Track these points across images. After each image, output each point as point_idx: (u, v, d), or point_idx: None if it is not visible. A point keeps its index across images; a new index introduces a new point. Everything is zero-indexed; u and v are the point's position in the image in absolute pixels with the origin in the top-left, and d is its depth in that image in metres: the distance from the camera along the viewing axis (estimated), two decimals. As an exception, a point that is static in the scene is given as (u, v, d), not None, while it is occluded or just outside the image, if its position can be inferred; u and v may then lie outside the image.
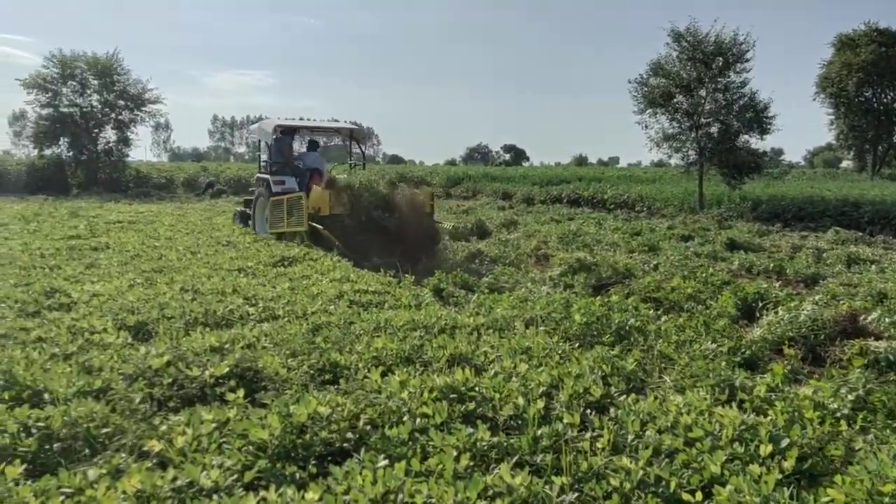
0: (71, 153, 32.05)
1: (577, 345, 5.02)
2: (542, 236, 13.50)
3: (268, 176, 13.22)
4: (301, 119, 14.32)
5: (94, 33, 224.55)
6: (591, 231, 14.52)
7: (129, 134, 33.11)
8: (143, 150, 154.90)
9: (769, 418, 3.30)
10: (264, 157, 14.13)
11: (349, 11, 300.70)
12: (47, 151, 31.98)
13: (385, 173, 12.28)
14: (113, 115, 32.50)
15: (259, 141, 14.78)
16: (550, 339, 4.84)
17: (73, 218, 15.26)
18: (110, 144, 32.80)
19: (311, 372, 4.13)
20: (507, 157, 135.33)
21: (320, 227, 10.65)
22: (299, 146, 15.16)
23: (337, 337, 4.80)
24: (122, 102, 32.45)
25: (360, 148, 15.59)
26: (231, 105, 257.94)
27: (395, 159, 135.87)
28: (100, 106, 32.28)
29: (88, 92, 32.06)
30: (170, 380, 3.87)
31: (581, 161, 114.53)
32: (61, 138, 31.68)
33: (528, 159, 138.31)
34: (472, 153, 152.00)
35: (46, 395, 3.64)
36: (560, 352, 4.57)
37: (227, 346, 4.55)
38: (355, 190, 10.86)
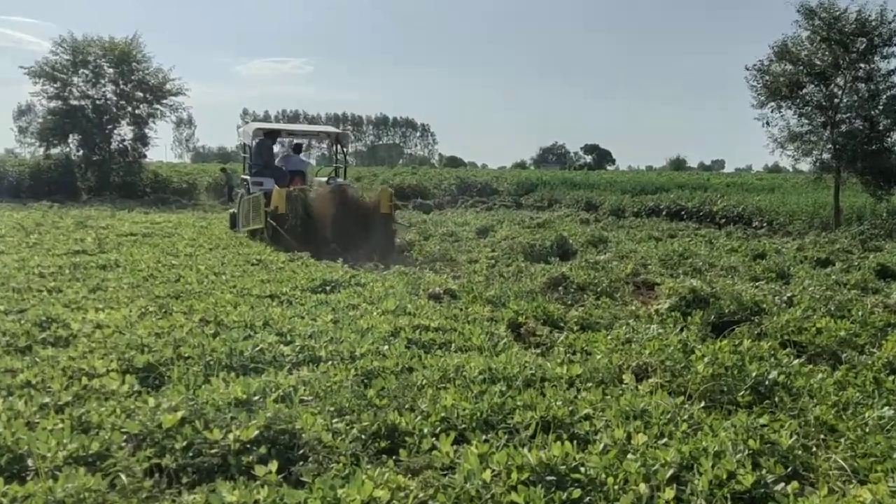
0: (81, 152, 32.85)
1: (703, 405, 4.61)
2: (640, 258, 13.02)
3: (248, 177, 16.40)
4: (306, 119, 17.75)
5: (111, 16, 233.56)
6: (702, 252, 13.96)
7: (147, 131, 33.87)
8: (162, 149, 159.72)
9: None
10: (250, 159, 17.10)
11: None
12: (54, 150, 32.78)
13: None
14: (129, 109, 33.30)
15: (243, 143, 17.59)
16: (671, 399, 4.42)
17: (79, 229, 15.53)
18: (126, 143, 33.57)
19: (363, 437, 3.82)
20: (589, 159, 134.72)
21: (274, 223, 13.63)
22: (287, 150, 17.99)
23: (395, 390, 4.50)
24: (140, 94, 33.19)
25: (343, 152, 18.47)
26: (263, 97, 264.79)
27: (454, 162, 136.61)
28: (115, 98, 33.11)
29: (102, 82, 32.92)
30: (184, 444, 3.62)
31: (678, 164, 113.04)
32: (70, 135, 32.46)
33: (613, 162, 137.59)
34: (546, 154, 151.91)
35: (30, 462, 3.43)
36: (687, 417, 4.15)
37: (255, 398, 4.30)
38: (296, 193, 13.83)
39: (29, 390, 4.43)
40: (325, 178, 17.20)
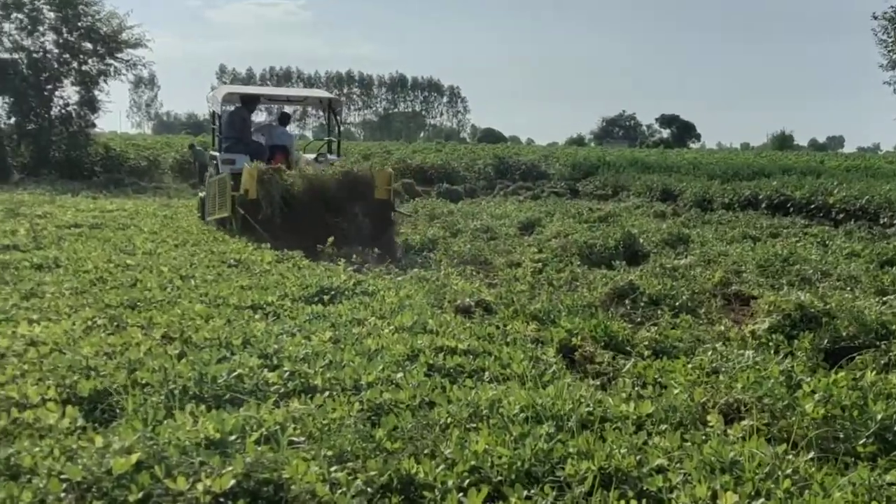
0: (13, 120, 33.53)
1: (812, 455, 4.58)
2: (732, 263, 12.97)
3: (217, 154, 16.88)
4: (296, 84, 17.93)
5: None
6: (813, 256, 13.88)
7: (96, 92, 34.37)
8: (115, 116, 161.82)
9: None
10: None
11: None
12: (-22, 117, 33.38)
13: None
14: (75, 65, 33.85)
15: (213, 112, 18.14)
16: (770, 448, 4.40)
17: (9, 218, 15.78)
18: (70, 108, 34.15)
19: (370, 491, 3.85)
20: (666, 133, 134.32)
21: (241, 211, 14.10)
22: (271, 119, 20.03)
23: (411, 430, 4.52)
24: (88, 46, 33.75)
25: (336, 120, 19.16)
26: (246, 51, 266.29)
27: (490, 136, 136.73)
28: (56, 51, 33.67)
29: (41, 30, 33.52)
30: (139, 495, 3.66)
31: (783, 142, 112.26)
32: (0, 98, 33.02)
33: (697, 138, 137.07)
34: (611, 128, 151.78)
35: (-55, 516, 3.48)
36: (790, 471, 4.13)
37: (232, 438, 4.34)
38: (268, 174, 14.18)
39: (-56, 424, 4.49)
40: (313, 155, 17.97)
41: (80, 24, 33.30)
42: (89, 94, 34.06)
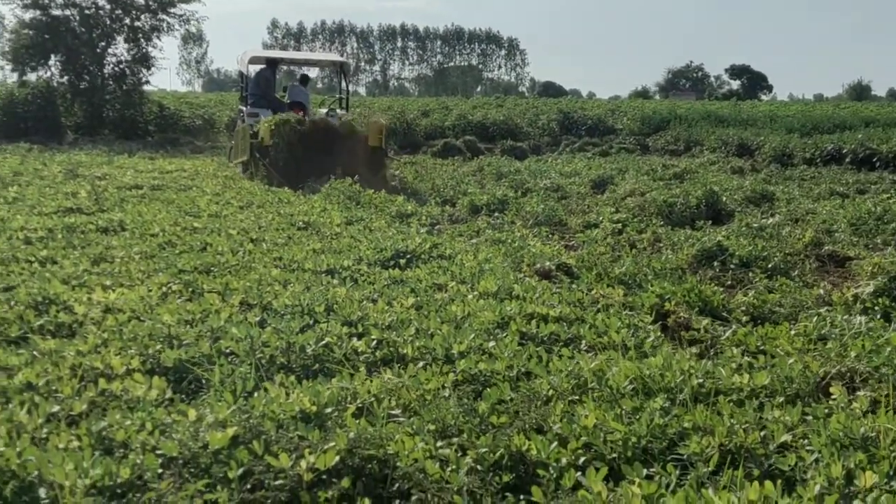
0: (65, 78, 33.33)
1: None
2: (821, 222, 12.65)
3: (244, 108, 20.60)
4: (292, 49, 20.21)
5: None
6: (910, 213, 13.47)
7: (149, 49, 34.32)
8: (166, 74, 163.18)
9: None
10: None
11: None
12: (31, 76, 33.38)
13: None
14: (127, 21, 33.77)
15: (240, 72, 22.25)
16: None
17: (70, 179, 15.86)
18: (123, 66, 34.04)
19: (481, 469, 3.74)
20: (736, 85, 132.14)
21: (257, 155, 17.40)
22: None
23: (515, 403, 4.41)
24: (140, 1, 33.61)
25: (345, 82, 23.20)
26: (297, 5, 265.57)
27: (550, 90, 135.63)
28: (109, 6, 33.59)
29: (92, -16, 33.40)
30: (240, 472, 3.60)
31: (860, 92, 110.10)
32: (52, 56, 33.05)
33: (769, 89, 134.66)
34: (677, 80, 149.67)
35: (43, 492, 3.46)
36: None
37: (328, 411, 4.28)
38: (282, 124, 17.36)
39: (31, 395, 4.49)
40: (325, 110, 21.90)
41: (132, -23, 33.30)
42: (142, 51, 33.95)
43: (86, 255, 8.50)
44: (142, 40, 33.98)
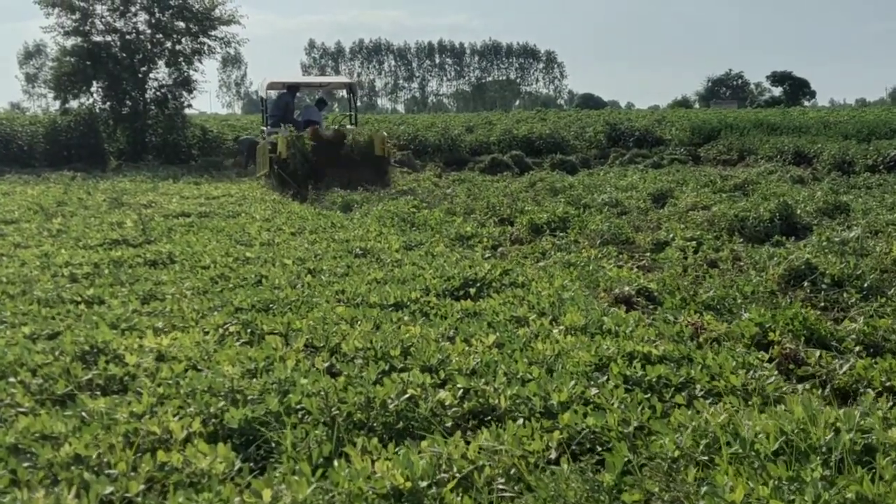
0: (107, 105, 33.32)
1: None
2: (904, 234, 11.93)
3: (265, 128, 23.85)
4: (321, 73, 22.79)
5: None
6: None
7: (190, 72, 34.15)
8: (206, 97, 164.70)
9: None
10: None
11: None
12: (73, 103, 33.29)
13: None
14: (168, 45, 33.65)
15: (260, 97, 26.32)
16: None
17: (115, 208, 15.51)
18: (164, 90, 33.94)
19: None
20: (778, 91, 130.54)
21: (276, 168, 19.99)
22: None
23: (646, 474, 3.76)
24: (181, 24, 33.48)
25: (353, 101, 26.50)
26: (335, 25, 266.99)
27: (590, 101, 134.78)
28: (149, 31, 33.49)
29: (133, 10, 33.34)
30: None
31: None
32: (94, 82, 32.98)
33: (811, 95, 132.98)
34: (717, 88, 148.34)
35: None
36: None
37: (423, 485, 3.68)
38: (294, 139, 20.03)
39: (80, 471, 3.92)
40: (335, 127, 25.00)
41: (171, 2, 33.08)
42: (183, 75, 33.83)
43: (134, 292, 8.04)
44: (183, 64, 33.89)
